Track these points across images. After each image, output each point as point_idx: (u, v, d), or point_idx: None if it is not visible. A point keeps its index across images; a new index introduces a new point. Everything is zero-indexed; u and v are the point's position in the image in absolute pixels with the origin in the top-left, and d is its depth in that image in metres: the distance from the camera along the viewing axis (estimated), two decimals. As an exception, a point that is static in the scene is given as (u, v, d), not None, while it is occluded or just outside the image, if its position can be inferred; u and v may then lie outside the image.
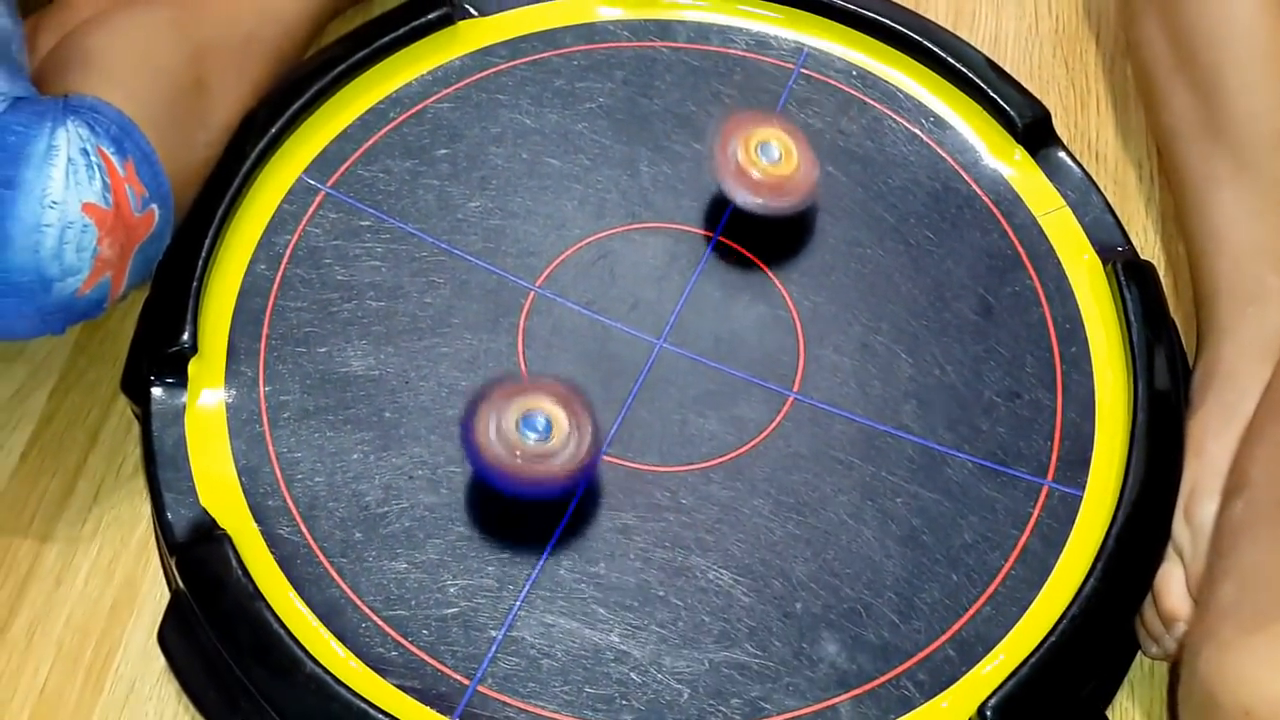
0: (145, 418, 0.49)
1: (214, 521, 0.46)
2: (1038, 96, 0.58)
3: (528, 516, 0.48)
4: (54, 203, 0.45)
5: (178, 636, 0.46)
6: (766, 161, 0.51)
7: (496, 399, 0.45)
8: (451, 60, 0.58)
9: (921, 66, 0.59)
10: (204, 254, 0.51)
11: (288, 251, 0.53)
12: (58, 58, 0.52)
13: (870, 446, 0.50)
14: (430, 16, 0.58)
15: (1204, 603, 0.43)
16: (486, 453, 0.44)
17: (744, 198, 0.52)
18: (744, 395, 0.51)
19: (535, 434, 0.45)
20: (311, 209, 0.54)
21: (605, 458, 0.49)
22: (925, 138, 0.57)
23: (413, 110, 0.57)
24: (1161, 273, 0.55)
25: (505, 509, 0.48)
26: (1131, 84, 0.64)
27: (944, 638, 0.46)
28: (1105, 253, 0.54)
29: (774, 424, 0.50)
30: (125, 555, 0.51)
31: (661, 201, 0.55)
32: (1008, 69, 0.59)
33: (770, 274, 0.54)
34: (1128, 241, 0.55)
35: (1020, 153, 0.57)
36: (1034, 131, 0.57)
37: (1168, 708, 0.48)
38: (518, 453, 0.44)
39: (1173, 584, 0.46)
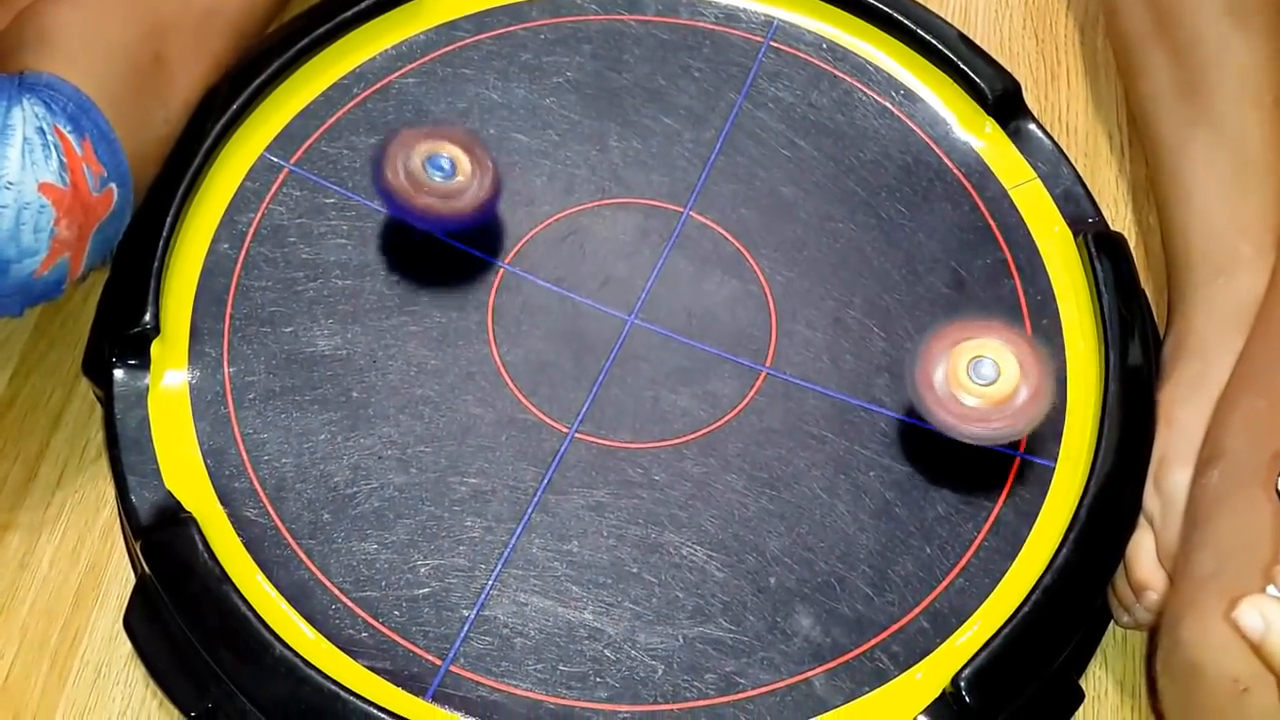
0: (108, 400, 0.48)
1: (179, 504, 0.46)
2: (1008, 69, 0.57)
3: (500, 495, 0.47)
4: (10, 183, 0.44)
5: (144, 621, 0.45)
6: (979, 382, 0.43)
7: (404, 140, 0.49)
8: (416, 35, 0.58)
9: (892, 39, 0.58)
10: (165, 233, 0.50)
11: (251, 230, 0.52)
12: (13, 35, 0.51)
13: (843, 420, 0.50)
14: (394, -10, 0.57)
15: (1182, 572, 0.43)
16: (395, 189, 0.49)
17: (955, 427, 0.44)
18: (716, 371, 0.51)
19: (440, 173, 0.49)
20: (275, 187, 0.53)
21: (578, 434, 0.49)
22: (896, 111, 0.57)
23: (377, 86, 0.56)
24: (1132, 244, 0.55)
25: (476, 489, 0.47)
26: (1102, 56, 0.64)
27: (917, 610, 0.46)
28: (1076, 224, 0.54)
29: (747, 399, 0.50)
30: (90, 540, 0.50)
31: (631, 176, 0.55)
32: (978, 41, 0.58)
33: (742, 249, 0.53)
34: (1098, 213, 0.54)
35: (991, 125, 0.56)
36: (1004, 104, 0.56)
37: (1145, 677, 0.48)
38: (425, 189, 0.49)
39: (1142, 553, 0.46)
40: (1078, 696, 0.46)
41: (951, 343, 0.44)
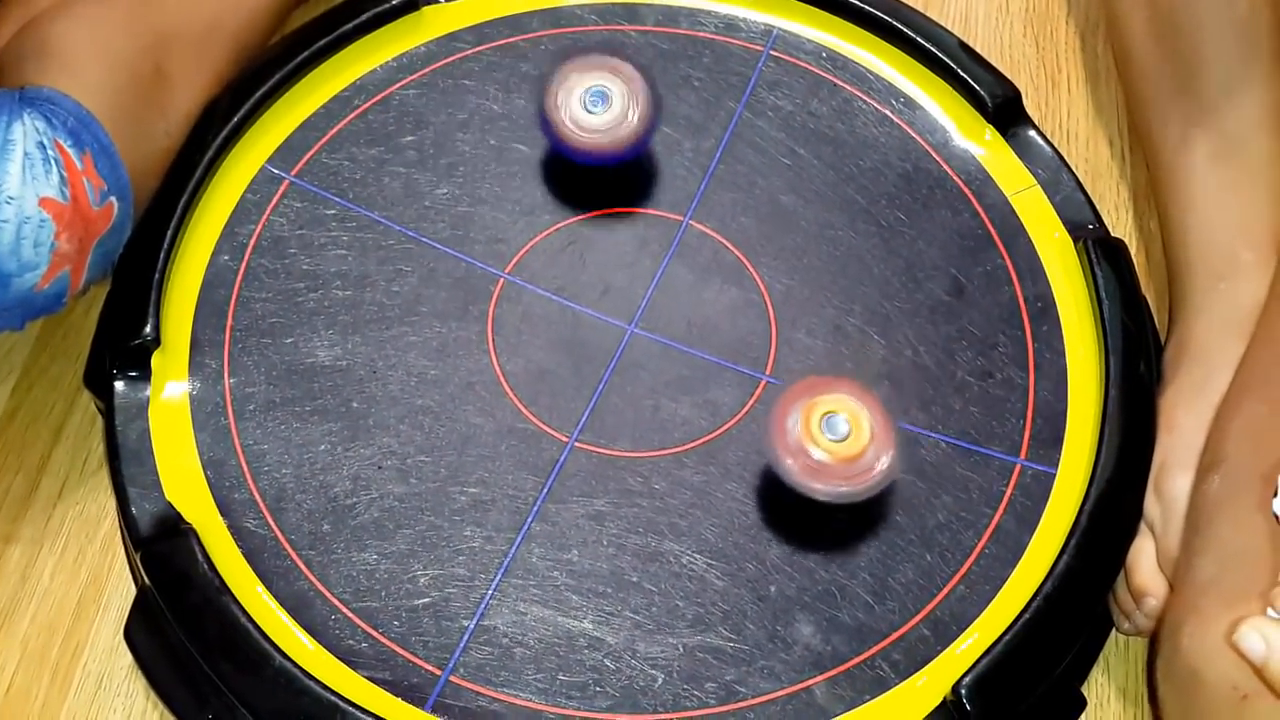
0: (109, 412, 0.48)
1: (179, 516, 0.46)
2: (1008, 76, 0.57)
3: (500, 505, 0.47)
4: (10, 198, 0.44)
5: (145, 633, 0.46)
6: (831, 437, 0.43)
7: (568, 72, 0.52)
8: (417, 46, 0.58)
9: (891, 47, 0.58)
10: (166, 246, 0.50)
11: (251, 242, 0.53)
12: (15, 49, 0.51)
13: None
14: (395, 2, 0.57)
15: (1183, 578, 0.43)
16: (556, 127, 0.51)
17: (805, 483, 0.44)
18: (716, 379, 0.51)
19: (598, 108, 0.51)
20: (275, 198, 0.54)
21: (578, 444, 0.49)
22: (896, 119, 0.57)
23: (378, 97, 0.56)
24: (1133, 250, 0.55)
25: (476, 498, 0.47)
26: (1103, 62, 0.64)
27: (918, 617, 0.45)
28: (1076, 231, 0.54)
29: (747, 408, 0.50)
30: (91, 551, 0.50)
31: (631, 186, 0.55)
32: (978, 49, 0.58)
33: (742, 257, 0.53)
34: (1099, 219, 0.54)
35: (991, 132, 0.56)
36: (1005, 111, 0.56)
37: (1146, 684, 0.48)
38: (579, 126, 0.51)
39: (1143, 559, 0.46)
40: (1079, 704, 0.46)
41: (809, 395, 0.44)
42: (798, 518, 0.47)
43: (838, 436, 0.43)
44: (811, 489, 0.43)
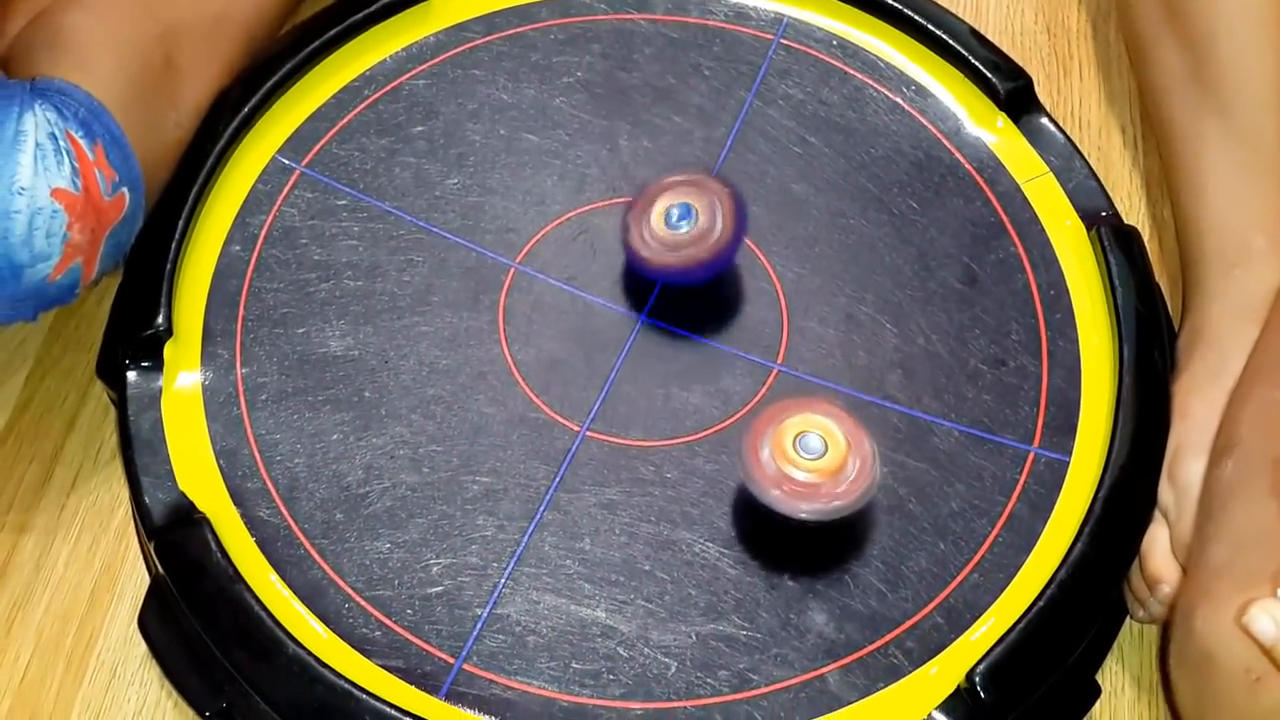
0: (121, 402, 0.48)
1: (192, 505, 0.46)
2: (1020, 64, 0.57)
3: (512, 494, 0.47)
4: (22, 189, 0.44)
5: (158, 622, 0.46)
6: (807, 456, 0.43)
7: (646, 201, 0.49)
8: (426, 37, 0.58)
9: (903, 35, 0.58)
10: (177, 236, 0.50)
11: (263, 232, 0.53)
12: (26, 40, 0.51)
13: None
14: (404, -8, 0.57)
15: (1196, 563, 0.42)
16: (644, 256, 0.49)
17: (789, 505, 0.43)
18: (728, 368, 0.50)
19: (684, 224, 0.48)
20: (286, 189, 0.54)
21: (590, 433, 0.49)
22: (907, 107, 0.57)
23: (387, 88, 0.56)
24: (1146, 238, 0.55)
25: (488, 487, 0.47)
26: (1114, 50, 0.64)
27: (932, 605, 0.45)
28: (1089, 218, 0.54)
29: (758, 396, 0.50)
30: (104, 541, 0.50)
31: (642, 175, 0.55)
32: (989, 36, 0.58)
33: (753, 246, 0.53)
34: (1112, 207, 0.54)
35: (1003, 120, 0.56)
36: (1016, 98, 0.56)
37: (1159, 670, 0.48)
38: (663, 243, 0.48)
39: (1156, 546, 0.46)
40: (1094, 691, 0.46)
41: (775, 420, 0.44)
42: (810, 506, 0.47)
43: (814, 455, 0.43)
44: (802, 511, 0.43)
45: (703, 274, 0.49)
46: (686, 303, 0.52)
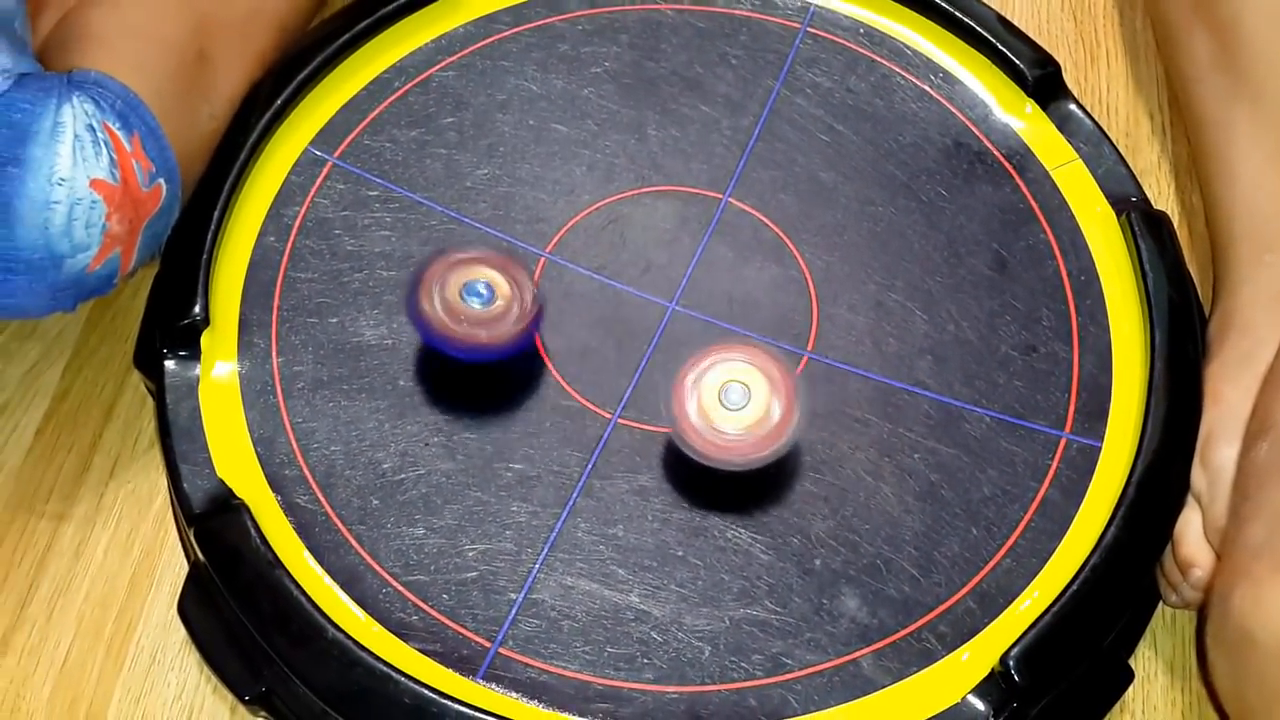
0: (159, 392, 0.49)
1: (231, 492, 0.46)
2: (1048, 50, 0.57)
3: (545, 480, 0.48)
4: (62, 180, 0.45)
5: (198, 607, 0.46)
6: (731, 408, 0.44)
7: (438, 270, 0.46)
8: (455, 28, 0.58)
9: (929, 22, 0.58)
10: (213, 227, 0.51)
11: (296, 223, 0.53)
12: (62, 33, 0.51)
13: (886, 404, 0.50)
14: (433, -16, 0.57)
15: (1233, 543, 0.42)
16: (433, 321, 0.46)
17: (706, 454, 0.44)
18: (758, 355, 0.51)
19: (479, 300, 0.46)
20: (319, 180, 0.54)
21: (621, 420, 0.49)
22: (935, 94, 0.57)
23: (418, 79, 0.57)
24: (1176, 223, 0.55)
25: (521, 474, 0.48)
26: (1142, 36, 0.64)
27: (964, 590, 0.46)
28: (1119, 204, 0.54)
29: (789, 383, 0.50)
30: (143, 528, 0.51)
31: (670, 164, 0.55)
32: (1016, 23, 0.58)
33: (781, 234, 0.54)
34: (1141, 193, 0.54)
35: (1031, 106, 0.56)
36: (1045, 85, 0.56)
37: (1195, 652, 0.48)
38: (462, 319, 0.46)
39: (1189, 530, 0.46)
40: (1127, 676, 0.46)
41: (698, 374, 0.44)
42: (842, 492, 0.48)
43: (739, 406, 0.44)
44: (735, 463, 0.44)
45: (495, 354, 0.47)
46: (717, 291, 0.52)
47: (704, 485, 0.48)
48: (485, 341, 0.46)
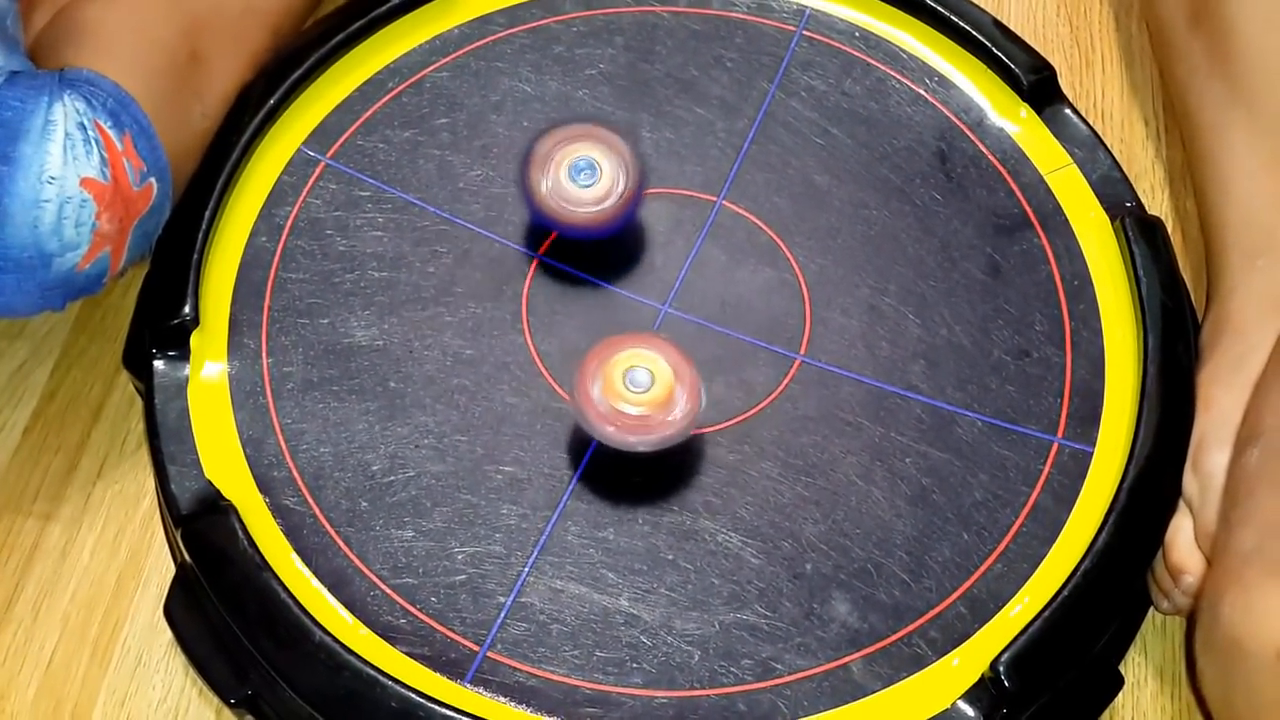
0: (148, 392, 0.48)
1: (219, 493, 0.46)
2: (1043, 55, 0.57)
3: (535, 483, 0.47)
4: (52, 178, 0.45)
5: (184, 609, 0.46)
6: (636, 390, 0.44)
7: (548, 148, 0.49)
8: (450, 29, 0.58)
9: (925, 26, 0.58)
10: (204, 227, 0.51)
11: (288, 223, 0.53)
12: (53, 31, 0.51)
13: (879, 407, 0.49)
14: (427, -15, 0.57)
15: (1223, 549, 0.42)
16: (543, 203, 0.49)
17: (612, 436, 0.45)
18: (750, 359, 0.51)
19: (585, 181, 0.48)
20: (311, 180, 0.54)
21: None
22: (930, 98, 0.57)
23: (411, 80, 0.57)
24: (1170, 229, 0.55)
25: (512, 477, 0.48)
26: (1137, 41, 0.64)
27: (955, 595, 0.45)
28: (1113, 209, 0.54)
29: (781, 387, 0.50)
30: (130, 529, 0.51)
31: (664, 167, 0.55)
32: (1012, 27, 0.58)
33: (775, 237, 0.53)
34: (1136, 198, 0.54)
35: (1026, 111, 0.56)
36: (1040, 90, 0.56)
37: (1185, 659, 0.48)
38: (566, 204, 0.48)
39: (1180, 537, 0.45)
40: (1117, 682, 0.46)
41: (603, 359, 0.45)
42: (833, 496, 0.47)
43: (642, 388, 0.44)
44: (636, 444, 0.44)
45: (607, 230, 0.50)
46: (710, 294, 0.52)
47: (695, 489, 0.47)
48: (587, 221, 0.49)
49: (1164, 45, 0.58)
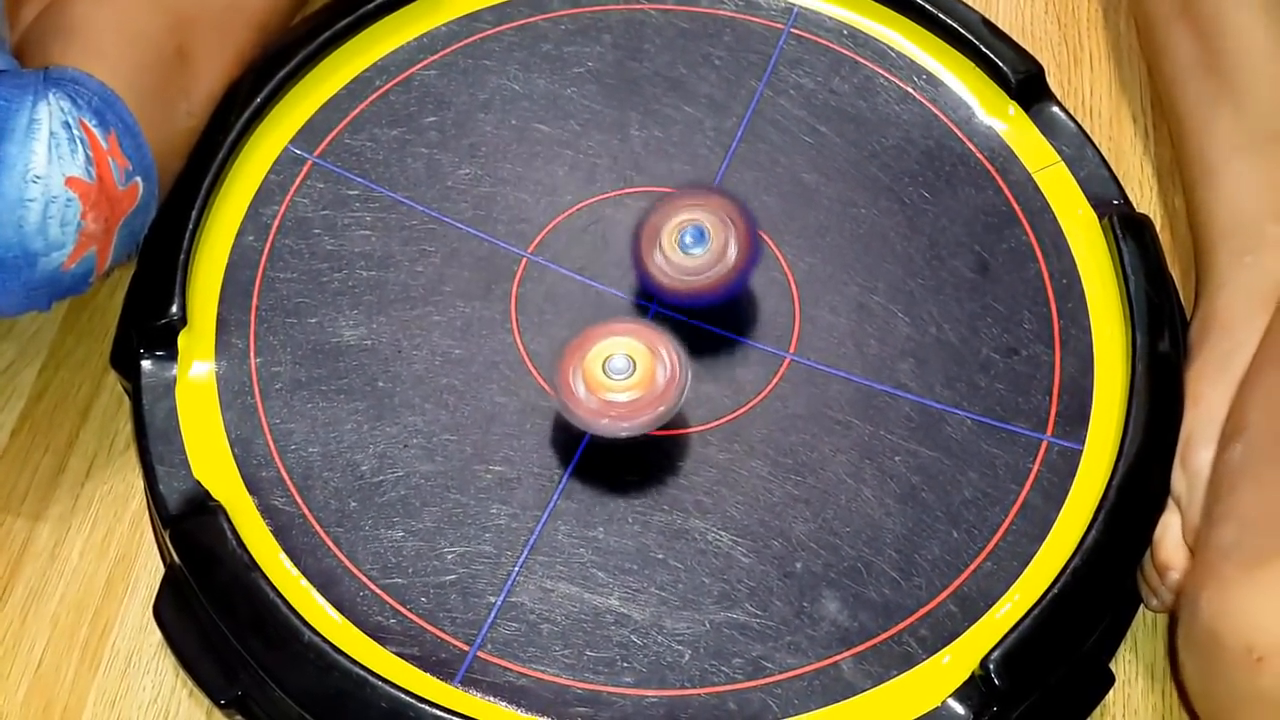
0: (135, 392, 0.48)
1: (207, 494, 0.46)
2: (1031, 53, 0.57)
3: (525, 483, 0.47)
4: (37, 177, 0.45)
5: (173, 610, 0.46)
6: (617, 378, 0.45)
7: (657, 218, 0.48)
8: (438, 27, 0.58)
9: (913, 24, 0.58)
10: (191, 226, 0.51)
11: (275, 222, 0.53)
12: (39, 28, 0.51)
13: (868, 406, 0.49)
14: (415, -17, 0.57)
15: (1204, 543, 0.43)
16: (655, 279, 0.48)
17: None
18: (740, 358, 0.51)
19: (694, 248, 0.48)
20: (299, 179, 0.54)
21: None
22: (918, 96, 0.57)
23: (399, 78, 0.56)
24: (1158, 227, 0.55)
25: (501, 476, 0.48)
26: (1125, 39, 0.64)
27: (945, 593, 0.45)
28: (1101, 207, 0.54)
29: (770, 386, 0.50)
30: (119, 530, 0.51)
31: (653, 165, 0.55)
32: (1000, 25, 0.58)
33: (764, 236, 0.53)
34: (1123, 195, 0.54)
35: (1014, 109, 0.56)
36: (1028, 87, 0.56)
37: (1168, 654, 0.48)
38: (674, 272, 0.48)
39: (1168, 534, 0.46)
40: (1108, 680, 0.46)
41: (576, 358, 0.45)
42: (823, 494, 0.47)
43: (624, 374, 0.45)
44: (627, 430, 0.45)
45: (718, 297, 0.49)
46: (698, 292, 0.52)
47: (685, 488, 0.47)
48: (699, 288, 0.48)
49: (1151, 42, 0.58)
